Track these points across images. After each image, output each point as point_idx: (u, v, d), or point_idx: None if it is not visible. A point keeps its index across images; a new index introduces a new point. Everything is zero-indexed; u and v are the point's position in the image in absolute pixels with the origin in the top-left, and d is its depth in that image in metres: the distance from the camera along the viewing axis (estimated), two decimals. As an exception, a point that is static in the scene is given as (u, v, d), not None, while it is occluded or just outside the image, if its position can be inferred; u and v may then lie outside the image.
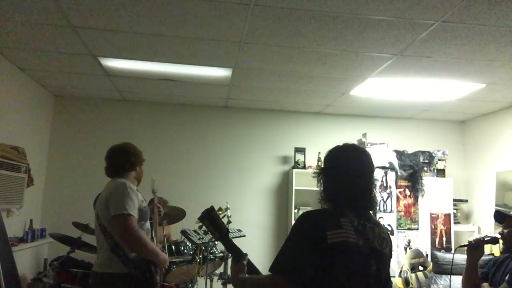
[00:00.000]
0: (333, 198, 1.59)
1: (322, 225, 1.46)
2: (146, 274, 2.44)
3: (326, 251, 1.42)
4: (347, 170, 1.59)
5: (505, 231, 2.37)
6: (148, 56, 3.72)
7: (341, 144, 1.68)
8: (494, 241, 2.39)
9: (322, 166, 1.67)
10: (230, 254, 1.77)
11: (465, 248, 2.45)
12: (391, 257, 1.63)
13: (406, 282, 4.61)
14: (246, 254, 1.71)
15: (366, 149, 5.69)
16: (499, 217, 2.46)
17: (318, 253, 1.41)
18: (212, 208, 1.78)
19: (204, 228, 2.13)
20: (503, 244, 2.39)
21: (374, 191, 1.60)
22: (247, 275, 1.65)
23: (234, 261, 1.71)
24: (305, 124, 5.63)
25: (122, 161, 2.65)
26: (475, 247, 2.38)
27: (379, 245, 1.55)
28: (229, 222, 3.96)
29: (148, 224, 2.68)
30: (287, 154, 5.51)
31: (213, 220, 1.76)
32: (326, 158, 1.67)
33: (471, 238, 2.44)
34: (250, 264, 1.70)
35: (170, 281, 3.55)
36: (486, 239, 2.40)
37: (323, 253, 1.42)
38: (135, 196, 2.48)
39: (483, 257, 2.46)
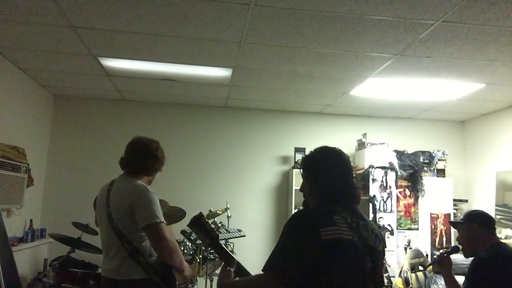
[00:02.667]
0: (325, 196, 1.60)
1: (315, 222, 1.47)
2: (167, 279, 2.35)
3: (320, 248, 1.42)
4: (336, 167, 1.64)
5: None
6: (148, 56, 3.72)
7: (319, 146, 1.73)
8: (454, 250, 2.59)
9: (308, 166, 1.69)
10: (221, 259, 1.77)
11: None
12: (384, 254, 1.65)
13: (406, 282, 4.61)
14: (235, 261, 1.72)
15: (366, 149, 5.65)
16: (452, 226, 2.60)
17: (311, 251, 1.42)
18: (200, 214, 1.78)
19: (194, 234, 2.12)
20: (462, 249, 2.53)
21: (357, 185, 1.67)
22: (237, 279, 1.67)
23: (224, 267, 1.73)
24: (305, 124, 5.63)
25: (147, 164, 2.49)
26: (441, 262, 2.55)
27: (373, 242, 1.56)
28: (218, 228, 3.94)
29: None
30: (287, 154, 5.51)
31: (202, 226, 1.75)
32: (310, 159, 1.70)
33: (437, 253, 2.57)
34: (241, 269, 1.71)
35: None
36: (447, 251, 2.57)
37: (317, 250, 1.42)
38: (158, 201, 2.39)
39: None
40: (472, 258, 2.40)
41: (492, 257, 2.28)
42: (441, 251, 2.61)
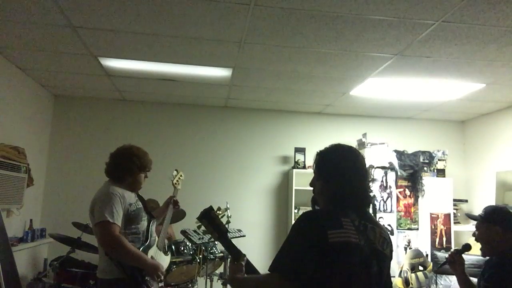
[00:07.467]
0: (336, 198, 1.57)
1: (322, 224, 1.45)
2: (135, 278, 2.41)
3: (327, 250, 1.41)
4: (352, 170, 1.59)
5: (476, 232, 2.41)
6: (148, 56, 3.72)
7: (335, 144, 1.67)
8: (466, 248, 2.48)
9: (322, 165, 1.65)
10: (229, 254, 1.76)
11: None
12: (391, 258, 1.62)
13: (406, 282, 4.61)
14: (244, 255, 1.69)
15: (366, 149, 5.63)
16: (470, 218, 2.52)
17: (318, 253, 1.40)
18: (210, 208, 1.78)
19: (203, 228, 2.13)
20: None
21: (370, 187, 1.63)
22: (245, 275, 1.65)
23: (232, 261, 1.70)
24: (305, 124, 5.63)
25: (113, 166, 2.63)
26: (453, 262, 2.46)
27: (380, 246, 1.54)
28: (228, 222, 3.95)
29: (143, 225, 2.61)
30: (287, 154, 5.51)
31: (211, 220, 1.75)
32: (326, 158, 1.65)
33: (447, 253, 2.49)
34: (249, 265, 1.69)
35: (170, 281, 3.55)
36: (458, 250, 2.48)
37: (323, 252, 1.41)
38: (118, 202, 2.42)
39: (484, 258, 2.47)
40: (489, 259, 2.32)
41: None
42: (452, 250, 2.50)
